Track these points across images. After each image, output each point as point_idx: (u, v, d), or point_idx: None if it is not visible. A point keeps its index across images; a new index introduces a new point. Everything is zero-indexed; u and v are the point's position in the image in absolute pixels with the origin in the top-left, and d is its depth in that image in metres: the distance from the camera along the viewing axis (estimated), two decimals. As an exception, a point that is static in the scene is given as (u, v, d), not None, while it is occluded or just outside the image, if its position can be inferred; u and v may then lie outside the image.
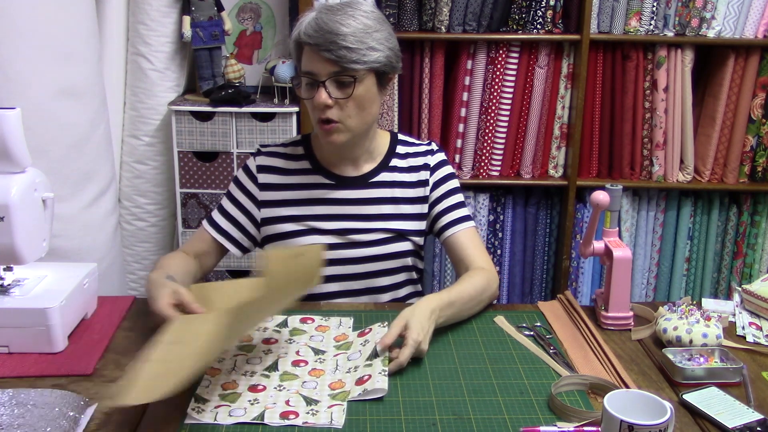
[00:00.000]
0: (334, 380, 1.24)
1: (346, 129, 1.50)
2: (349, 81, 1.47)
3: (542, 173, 2.69)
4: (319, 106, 1.47)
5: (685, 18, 2.53)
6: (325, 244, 1.56)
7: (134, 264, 2.74)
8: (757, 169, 2.67)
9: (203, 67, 2.60)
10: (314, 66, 1.46)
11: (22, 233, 1.29)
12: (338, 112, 1.48)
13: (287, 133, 2.57)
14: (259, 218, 1.62)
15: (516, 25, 2.54)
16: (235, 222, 1.62)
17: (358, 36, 1.45)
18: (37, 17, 2.02)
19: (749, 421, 1.14)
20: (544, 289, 2.79)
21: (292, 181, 1.62)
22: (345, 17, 1.46)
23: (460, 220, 1.63)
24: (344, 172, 1.62)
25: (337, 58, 1.44)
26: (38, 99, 2.04)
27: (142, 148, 2.66)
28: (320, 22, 1.45)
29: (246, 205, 1.62)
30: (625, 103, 2.59)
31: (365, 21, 1.47)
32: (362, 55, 1.45)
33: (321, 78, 1.46)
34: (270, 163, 1.63)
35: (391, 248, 1.60)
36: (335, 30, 1.44)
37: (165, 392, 1.05)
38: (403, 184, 1.63)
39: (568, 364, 1.32)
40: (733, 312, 1.55)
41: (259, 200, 1.62)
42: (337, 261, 1.58)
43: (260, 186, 1.62)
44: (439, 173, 1.65)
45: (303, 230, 1.59)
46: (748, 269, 2.76)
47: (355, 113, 1.49)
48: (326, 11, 1.47)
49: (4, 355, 1.30)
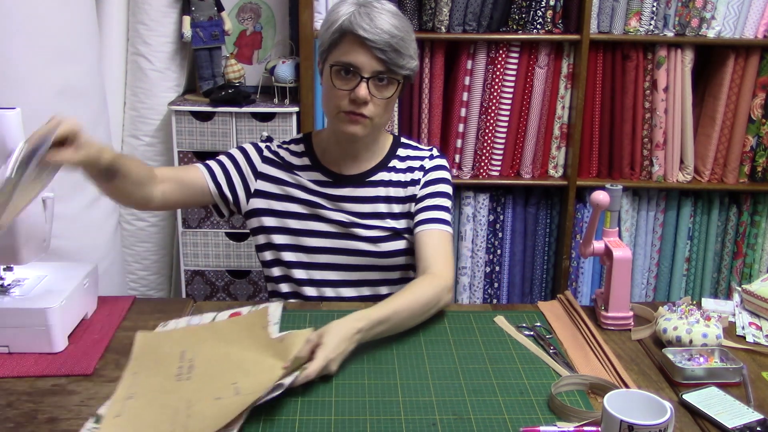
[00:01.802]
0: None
1: (370, 125, 1.52)
2: (390, 82, 1.48)
3: (542, 173, 2.69)
4: (357, 100, 1.47)
5: (685, 18, 2.53)
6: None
7: (134, 264, 2.74)
8: (757, 169, 2.67)
9: (203, 67, 2.60)
10: (360, 59, 1.45)
11: (22, 233, 1.29)
12: (371, 108, 1.49)
13: (287, 133, 2.57)
14: (253, 188, 1.63)
15: (516, 25, 2.54)
16: (228, 178, 1.62)
17: (406, 42, 1.47)
18: (36, 17, 2.02)
19: (749, 421, 1.14)
20: (544, 289, 2.79)
21: (292, 178, 1.63)
22: (390, 16, 1.46)
23: (434, 221, 1.58)
24: (343, 170, 1.63)
25: (387, 59, 1.45)
26: (38, 99, 2.04)
27: (142, 148, 2.66)
28: (372, 17, 1.44)
29: (244, 170, 1.63)
30: (625, 103, 2.59)
31: (405, 25, 1.49)
32: (407, 62, 1.48)
33: (364, 74, 1.46)
34: (278, 151, 1.66)
35: (385, 246, 1.61)
36: (390, 30, 1.44)
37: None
38: (397, 184, 1.64)
39: (568, 364, 1.32)
40: (733, 312, 1.55)
41: (258, 171, 1.64)
42: (335, 250, 1.60)
43: (264, 159, 1.65)
44: (431, 174, 1.65)
45: (301, 220, 1.61)
46: (748, 269, 2.76)
47: (382, 112, 1.52)
48: (370, 6, 1.46)
49: (4, 355, 1.30)
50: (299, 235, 1.61)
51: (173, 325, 1.40)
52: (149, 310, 1.50)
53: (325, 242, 1.61)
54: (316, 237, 1.61)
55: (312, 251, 1.62)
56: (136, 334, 1.35)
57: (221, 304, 1.56)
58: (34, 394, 1.19)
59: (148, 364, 1.27)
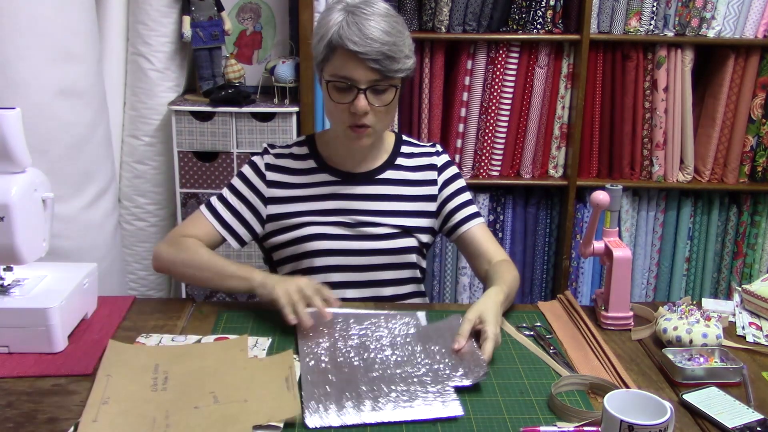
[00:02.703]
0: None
1: (375, 132, 1.52)
2: (387, 88, 1.48)
3: (542, 173, 2.69)
4: (358, 113, 1.46)
5: (685, 18, 2.53)
6: (328, 248, 1.58)
7: (134, 264, 2.74)
8: (757, 169, 2.67)
9: (203, 67, 2.60)
10: (354, 72, 1.44)
11: (22, 233, 1.29)
12: (372, 117, 1.49)
13: (287, 133, 2.57)
14: (265, 214, 1.62)
15: (516, 25, 2.54)
16: (237, 215, 1.61)
17: (399, 45, 1.45)
18: (37, 17, 2.02)
19: (749, 421, 1.14)
20: (544, 289, 2.79)
21: (299, 180, 1.62)
22: (380, 21, 1.44)
23: (472, 217, 1.66)
24: (349, 169, 1.63)
25: (381, 67, 1.43)
26: (38, 99, 2.04)
27: (142, 148, 2.66)
28: (361, 27, 1.42)
29: (251, 200, 1.61)
30: (625, 103, 2.59)
31: (397, 26, 1.47)
32: (402, 64, 1.47)
33: (361, 85, 1.45)
34: (278, 163, 1.63)
35: (396, 243, 1.61)
36: (380, 38, 1.42)
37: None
38: (409, 182, 1.64)
39: (568, 364, 1.32)
40: (733, 312, 1.55)
41: (266, 197, 1.62)
42: (342, 252, 1.59)
43: (268, 183, 1.62)
44: (447, 173, 1.68)
45: (311, 223, 1.59)
46: (748, 269, 2.76)
47: (385, 117, 1.52)
48: (358, 12, 1.44)
49: (4, 355, 1.30)
50: (308, 240, 1.59)
51: (156, 339, 1.36)
52: (149, 310, 1.50)
53: (332, 244, 1.58)
54: (323, 240, 1.58)
55: (318, 254, 1.59)
56: (108, 342, 1.32)
57: (221, 305, 1.56)
58: (34, 394, 1.19)
59: (121, 371, 1.23)
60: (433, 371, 1.25)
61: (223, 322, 1.45)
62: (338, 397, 1.16)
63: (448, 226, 1.66)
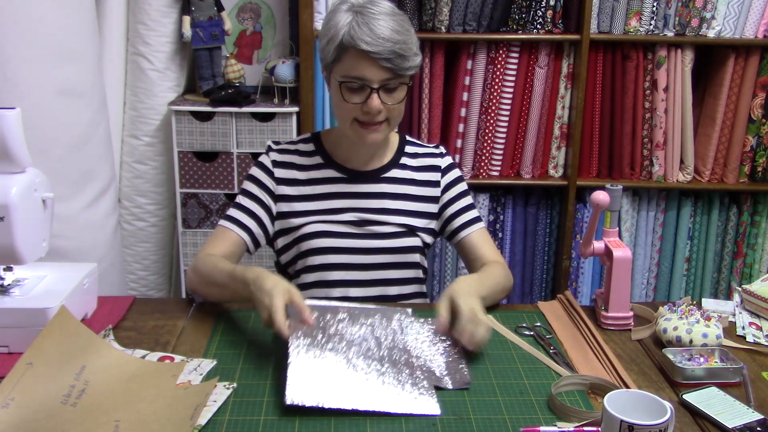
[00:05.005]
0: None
1: (386, 128, 1.53)
2: (398, 86, 1.49)
3: (542, 173, 2.69)
4: (372, 112, 1.47)
5: (685, 18, 2.53)
6: (328, 247, 1.58)
7: (134, 264, 2.74)
8: (757, 169, 2.67)
9: (203, 67, 2.60)
10: (367, 72, 1.45)
11: (22, 233, 1.29)
12: (384, 114, 1.50)
13: (287, 133, 2.57)
14: (275, 212, 1.62)
15: (516, 25, 2.54)
16: (254, 216, 1.60)
17: (408, 43, 1.47)
18: (37, 17, 2.02)
19: (749, 421, 1.14)
20: (544, 289, 2.79)
21: (305, 176, 1.62)
22: (389, 20, 1.45)
23: (473, 222, 1.67)
24: (356, 167, 1.63)
25: (393, 66, 1.44)
26: (38, 99, 2.05)
27: (142, 148, 2.66)
28: (372, 26, 1.43)
29: (264, 200, 1.61)
30: (625, 103, 2.59)
31: (404, 24, 1.48)
32: (412, 62, 1.48)
33: (374, 85, 1.46)
34: (284, 159, 1.64)
35: (401, 242, 1.61)
36: (391, 37, 1.43)
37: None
38: (414, 182, 1.65)
39: (568, 364, 1.32)
40: (733, 312, 1.55)
41: (276, 194, 1.62)
42: (349, 250, 1.59)
43: (277, 180, 1.62)
44: (449, 176, 1.69)
45: (317, 221, 1.59)
46: (748, 269, 2.76)
47: (396, 114, 1.53)
48: (366, 12, 1.44)
49: (4, 355, 1.30)
50: (314, 237, 1.59)
51: (117, 345, 1.32)
52: (149, 310, 1.50)
53: (338, 242, 1.58)
54: (329, 237, 1.59)
55: (324, 252, 1.59)
56: (60, 307, 1.23)
57: (220, 306, 1.55)
58: (33, 394, 1.19)
59: (46, 359, 1.15)
60: (416, 368, 1.25)
61: (223, 322, 1.45)
62: (320, 383, 1.18)
63: (449, 230, 1.67)
